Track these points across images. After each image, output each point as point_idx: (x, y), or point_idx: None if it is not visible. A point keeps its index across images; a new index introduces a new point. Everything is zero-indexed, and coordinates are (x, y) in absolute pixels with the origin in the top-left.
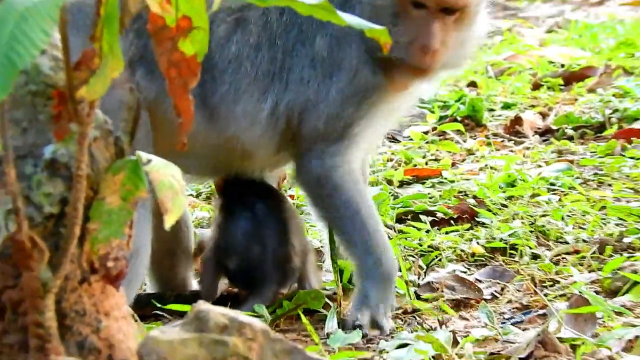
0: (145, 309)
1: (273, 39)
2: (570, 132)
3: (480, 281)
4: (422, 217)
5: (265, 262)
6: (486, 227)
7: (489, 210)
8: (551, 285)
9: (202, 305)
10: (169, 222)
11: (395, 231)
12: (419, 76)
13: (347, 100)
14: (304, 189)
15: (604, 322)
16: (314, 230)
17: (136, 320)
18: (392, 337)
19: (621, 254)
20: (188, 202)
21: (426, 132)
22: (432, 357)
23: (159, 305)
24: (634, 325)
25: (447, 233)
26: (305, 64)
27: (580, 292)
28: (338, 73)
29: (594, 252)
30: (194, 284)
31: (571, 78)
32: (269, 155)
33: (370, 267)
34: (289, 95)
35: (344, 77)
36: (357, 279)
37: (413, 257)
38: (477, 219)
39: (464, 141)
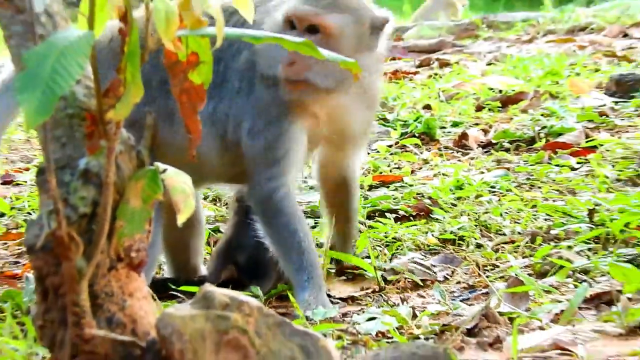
0: (162, 291)
1: (217, 53)
2: (507, 145)
3: (434, 266)
4: (387, 214)
5: (269, 260)
6: (439, 222)
7: (441, 209)
8: (492, 269)
9: (208, 287)
10: (181, 220)
11: (365, 226)
12: (296, 91)
13: (262, 117)
14: (253, 209)
15: (535, 298)
16: None
17: (155, 300)
18: (363, 311)
19: (549, 244)
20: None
21: (390, 146)
22: (396, 328)
23: (173, 287)
24: (560, 301)
25: (407, 227)
26: (236, 78)
27: (515, 275)
28: (253, 91)
29: (526, 242)
30: (203, 270)
31: (507, 101)
32: (220, 165)
33: (303, 282)
34: (224, 104)
35: (255, 96)
36: (295, 290)
37: (380, 247)
38: (431, 215)
39: (421, 153)
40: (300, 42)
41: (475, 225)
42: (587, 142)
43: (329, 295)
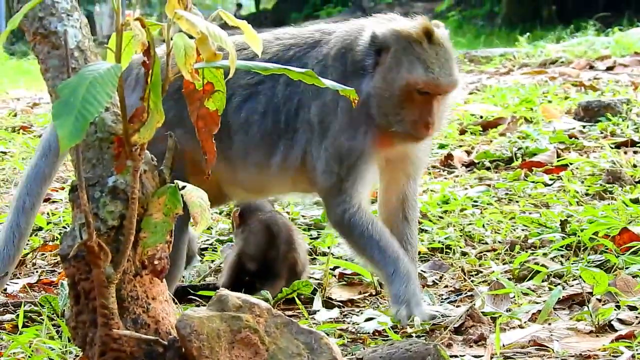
0: (182, 296)
1: (277, 108)
2: (487, 164)
3: (424, 272)
4: None
5: (277, 266)
6: (428, 232)
7: (430, 221)
8: (476, 274)
9: (223, 291)
10: (199, 230)
11: None
12: (414, 142)
13: (338, 160)
14: (333, 229)
15: (515, 300)
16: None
17: (176, 303)
18: (362, 313)
19: (526, 251)
20: (213, 217)
21: None
22: (391, 327)
23: (192, 292)
24: (537, 303)
25: None
26: (305, 128)
27: (497, 279)
28: (327, 138)
29: (506, 250)
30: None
31: (487, 125)
32: (284, 191)
33: (391, 275)
34: (296, 152)
35: (332, 143)
36: (386, 286)
37: None
38: (421, 227)
39: None
40: (304, 72)
41: (460, 235)
42: (558, 161)
43: (330, 299)
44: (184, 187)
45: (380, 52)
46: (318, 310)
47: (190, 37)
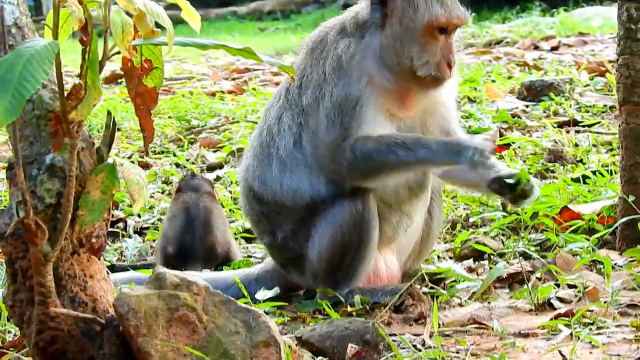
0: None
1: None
2: None
3: None
4: None
5: (194, 248)
6: None
7: None
8: None
9: (161, 269)
10: (136, 207)
11: None
12: (438, 86)
13: (335, 109)
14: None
15: (456, 279)
16: None
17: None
18: (303, 293)
19: (467, 230)
20: (155, 196)
21: None
22: (330, 305)
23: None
24: (476, 281)
25: None
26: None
27: (437, 257)
28: (324, 98)
29: (447, 229)
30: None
31: None
32: None
33: (426, 155)
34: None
35: (327, 98)
36: (433, 165)
37: None
38: None
39: None
40: (242, 48)
41: None
42: (501, 140)
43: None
44: (121, 165)
45: (385, 2)
46: (259, 289)
47: (129, 14)
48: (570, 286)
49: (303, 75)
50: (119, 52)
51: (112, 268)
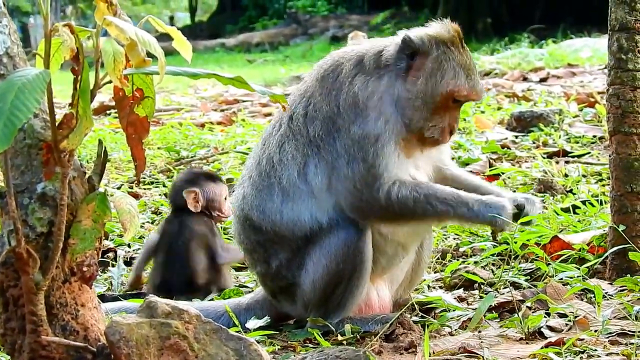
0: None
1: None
2: None
3: None
4: None
5: (173, 282)
6: None
7: None
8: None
9: (152, 297)
10: (128, 237)
11: None
12: (434, 147)
13: (354, 147)
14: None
15: (446, 308)
16: None
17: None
18: (294, 322)
19: (457, 259)
20: (145, 226)
21: None
22: (321, 334)
23: (123, 300)
24: (467, 310)
25: None
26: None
27: (428, 286)
28: (340, 134)
29: (438, 258)
30: None
31: None
32: None
33: (467, 213)
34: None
35: (344, 134)
36: (471, 223)
37: None
38: None
39: None
40: (234, 78)
41: None
42: (491, 170)
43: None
44: (113, 194)
45: (413, 56)
46: (249, 319)
47: (121, 43)
48: (561, 315)
49: (310, 103)
50: (110, 82)
51: (103, 298)
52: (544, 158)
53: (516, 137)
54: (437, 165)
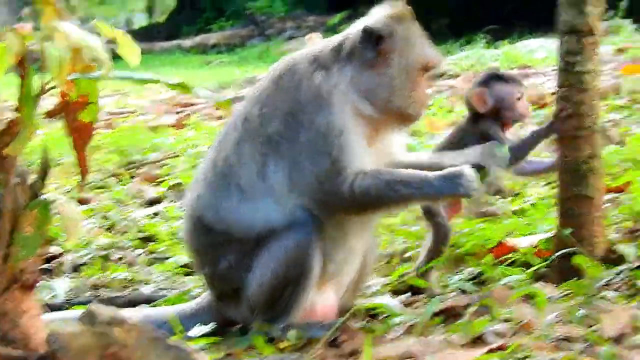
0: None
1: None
2: None
3: None
4: None
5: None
6: None
7: None
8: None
9: (93, 305)
10: (71, 242)
11: None
12: (409, 123)
13: (318, 139)
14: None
15: (390, 314)
16: None
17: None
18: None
19: (405, 264)
20: (93, 231)
21: None
22: (266, 342)
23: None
24: (412, 315)
25: None
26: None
27: (375, 291)
28: (302, 127)
29: (385, 262)
30: None
31: None
32: None
33: (433, 190)
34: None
35: (306, 127)
36: (440, 198)
37: None
38: None
39: None
40: (178, 83)
41: None
42: None
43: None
44: (56, 201)
45: (379, 41)
46: (194, 325)
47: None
48: (506, 320)
49: (266, 104)
50: (55, 87)
51: (47, 306)
52: None
53: None
54: (396, 152)
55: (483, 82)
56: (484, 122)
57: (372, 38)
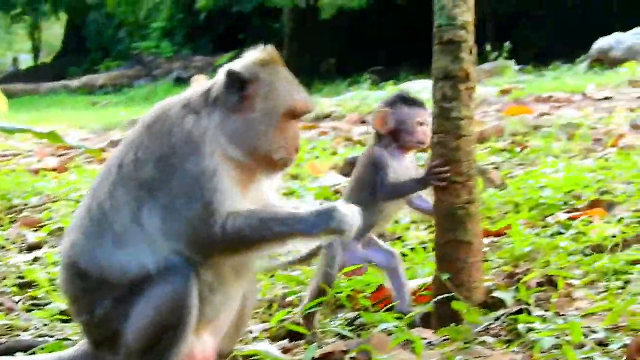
0: None
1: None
2: None
3: None
4: None
5: None
6: None
7: None
8: None
9: None
10: None
11: None
12: (281, 170)
13: (190, 185)
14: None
15: None
16: None
17: None
18: None
19: (284, 309)
20: None
21: None
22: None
23: None
24: None
25: None
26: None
27: (254, 337)
28: (173, 176)
29: (266, 308)
30: None
31: None
32: None
33: (304, 229)
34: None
35: (179, 175)
36: (308, 239)
37: None
38: None
39: None
40: (48, 133)
41: None
42: None
43: None
44: None
45: (244, 86)
46: None
47: None
48: None
49: (139, 150)
50: None
51: None
52: None
53: None
54: (271, 199)
55: (388, 102)
56: (381, 145)
57: (236, 83)
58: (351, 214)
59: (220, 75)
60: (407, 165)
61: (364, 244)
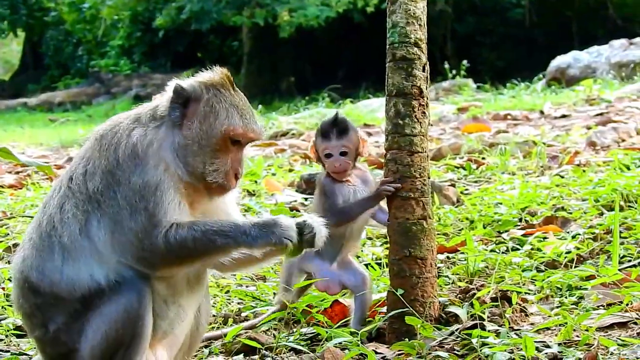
0: None
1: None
2: None
3: None
4: None
5: None
6: None
7: None
8: None
9: None
10: None
11: None
12: (222, 194)
13: (135, 197)
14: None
15: None
16: None
17: None
18: None
19: (239, 324)
20: None
21: None
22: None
23: None
24: None
25: None
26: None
27: (210, 352)
28: (120, 187)
29: (220, 323)
30: None
31: None
32: None
33: (247, 239)
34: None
35: (124, 187)
36: (251, 248)
37: None
38: None
39: None
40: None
41: None
42: None
43: None
44: None
45: (187, 103)
46: None
47: None
48: None
49: (89, 162)
50: None
51: None
52: None
53: (305, 199)
54: (224, 213)
55: (315, 132)
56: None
57: (180, 98)
58: (292, 228)
59: (169, 91)
60: (353, 189)
61: (339, 264)
